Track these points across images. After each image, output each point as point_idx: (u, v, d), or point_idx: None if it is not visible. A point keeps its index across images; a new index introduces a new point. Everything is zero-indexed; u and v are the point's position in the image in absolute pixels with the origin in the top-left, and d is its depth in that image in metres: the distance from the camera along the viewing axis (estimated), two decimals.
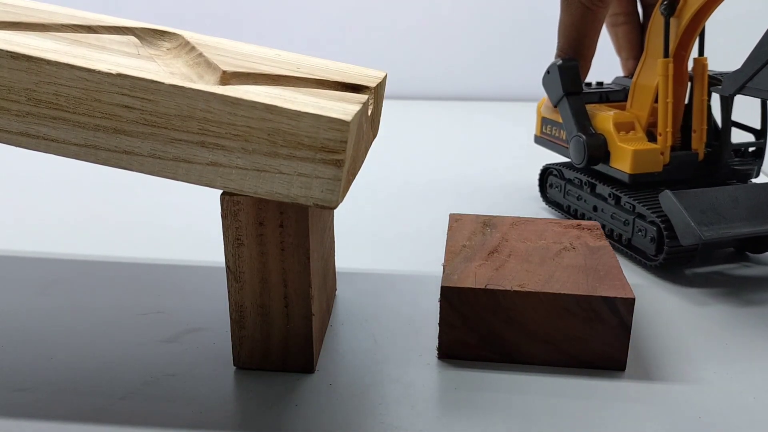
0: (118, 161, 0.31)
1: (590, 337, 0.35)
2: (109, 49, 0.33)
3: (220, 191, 0.32)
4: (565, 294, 0.35)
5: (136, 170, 0.31)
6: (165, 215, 0.60)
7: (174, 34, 0.38)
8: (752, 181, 0.52)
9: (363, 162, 0.37)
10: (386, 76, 0.41)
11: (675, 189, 0.45)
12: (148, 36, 0.37)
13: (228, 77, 0.33)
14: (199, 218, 0.59)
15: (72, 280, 0.46)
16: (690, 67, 0.51)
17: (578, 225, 0.45)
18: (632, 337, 0.38)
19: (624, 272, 0.38)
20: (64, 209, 0.61)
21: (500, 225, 0.44)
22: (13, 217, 0.59)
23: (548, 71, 0.55)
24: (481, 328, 0.36)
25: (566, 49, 0.54)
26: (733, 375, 0.36)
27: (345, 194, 0.32)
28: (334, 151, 0.29)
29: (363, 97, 0.34)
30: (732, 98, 0.49)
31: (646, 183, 0.50)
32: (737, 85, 0.44)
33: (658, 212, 0.46)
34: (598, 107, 0.54)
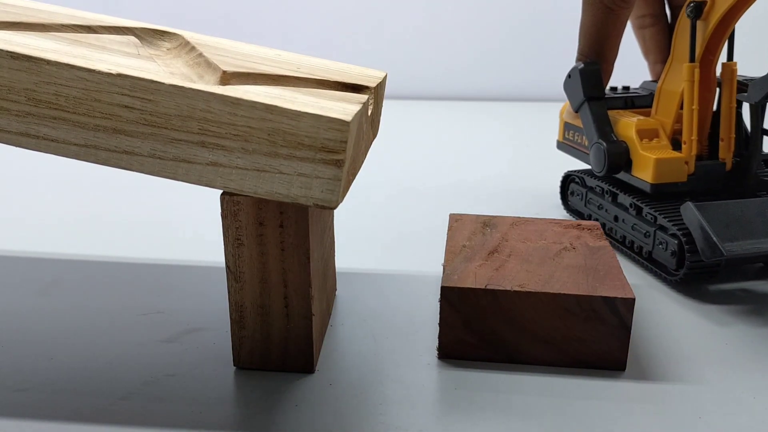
0: (118, 161, 0.31)
1: (590, 337, 0.35)
2: (109, 49, 0.33)
3: (220, 191, 0.32)
4: (565, 294, 0.35)
5: (136, 170, 0.31)
6: (165, 215, 0.60)
7: (174, 34, 0.38)
8: None
9: (363, 162, 0.37)
10: (386, 76, 0.41)
11: (699, 200, 0.43)
12: (148, 36, 0.37)
13: (228, 77, 0.33)
14: (199, 218, 0.59)
15: (72, 280, 0.46)
16: (718, 72, 0.48)
17: (578, 225, 0.45)
18: (632, 337, 0.38)
19: (624, 272, 0.38)
20: (64, 209, 0.61)
21: (500, 225, 0.44)
22: (13, 217, 0.59)
23: (569, 75, 0.52)
24: (481, 328, 0.36)
25: (587, 52, 0.51)
26: (733, 375, 0.36)
27: (345, 194, 0.32)
28: (334, 151, 0.29)
29: (363, 97, 0.34)
30: (762, 106, 0.46)
31: (670, 193, 0.47)
32: (764, 91, 0.42)
33: (680, 225, 0.44)
34: (622, 113, 0.52)
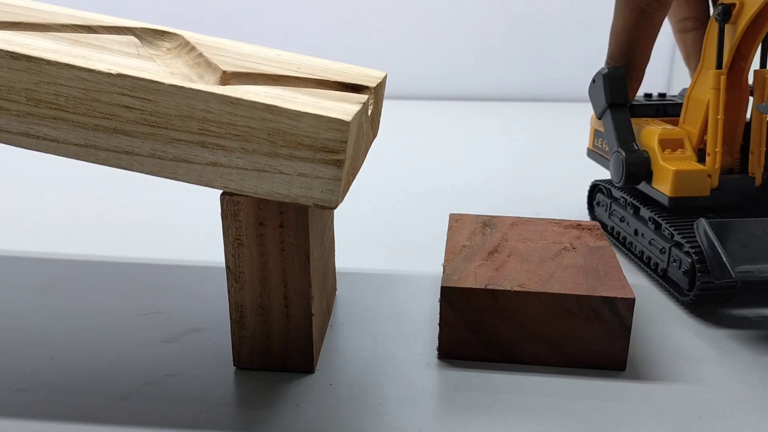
0: (118, 161, 0.31)
1: (590, 337, 0.35)
2: (109, 49, 0.33)
3: (220, 191, 0.32)
4: (565, 294, 0.35)
5: (136, 170, 0.31)
6: (165, 215, 0.60)
7: (174, 34, 0.38)
8: None
9: (363, 162, 0.37)
10: (386, 76, 0.41)
11: (722, 217, 0.41)
12: (148, 36, 0.37)
13: (228, 77, 0.33)
14: (199, 218, 0.59)
15: (72, 280, 0.46)
16: (751, 80, 0.45)
17: (578, 225, 0.45)
18: (632, 337, 0.38)
19: (624, 272, 0.38)
20: (64, 209, 0.61)
21: (500, 225, 0.44)
22: (13, 217, 0.59)
23: (593, 80, 0.50)
24: (481, 328, 0.36)
25: (617, 56, 0.49)
26: (733, 375, 0.36)
27: (345, 194, 0.32)
28: (334, 151, 0.29)
29: (363, 97, 0.34)
30: None
31: (692, 209, 0.44)
32: None
33: (695, 242, 0.41)
34: (650, 121, 0.49)
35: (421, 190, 0.68)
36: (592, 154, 0.56)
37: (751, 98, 0.45)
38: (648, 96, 0.53)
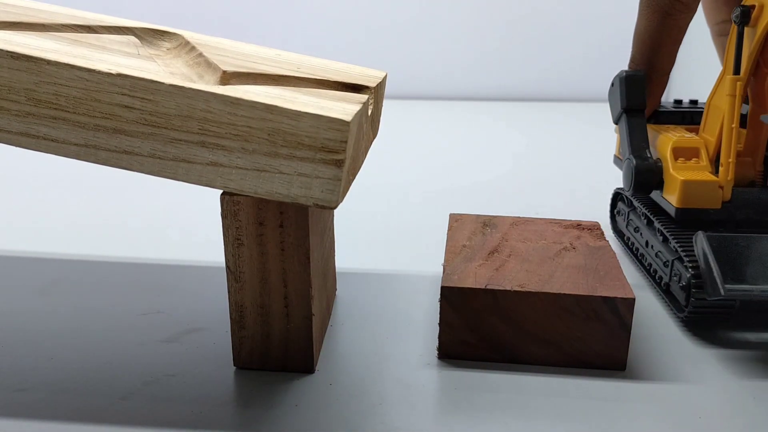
0: (118, 161, 0.31)
1: (590, 337, 0.35)
2: (109, 49, 0.33)
3: (220, 191, 0.32)
4: (565, 294, 0.35)
5: (136, 170, 0.31)
6: (165, 215, 0.60)
7: (174, 34, 0.38)
8: None
9: (363, 162, 0.37)
10: (386, 76, 0.41)
11: (727, 232, 0.40)
12: (148, 36, 0.37)
13: (228, 77, 0.33)
14: (199, 218, 0.59)
15: (72, 280, 0.46)
16: None
17: (578, 225, 0.45)
18: (632, 337, 0.38)
19: (624, 272, 0.38)
20: (64, 209, 0.61)
21: (500, 225, 0.44)
22: (13, 217, 0.59)
23: (612, 83, 0.48)
24: (481, 328, 0.36)
25: (638, 59, 0.47)
26: (733, 375, 0.36)
27: (345, 194, 0.32)
28: (334, 151, 0.29)
29: (363, 97, 0.34)
30: None
31: (704, 222, 0.42)
32: None
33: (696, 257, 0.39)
34: (671, 129, 0.47)
35: (421, 189, 0.68)
36: (617, 161, 0.53)
37: None
38: (678, 102, 0.51)
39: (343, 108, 0.31)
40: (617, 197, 0.55)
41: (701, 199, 0.41)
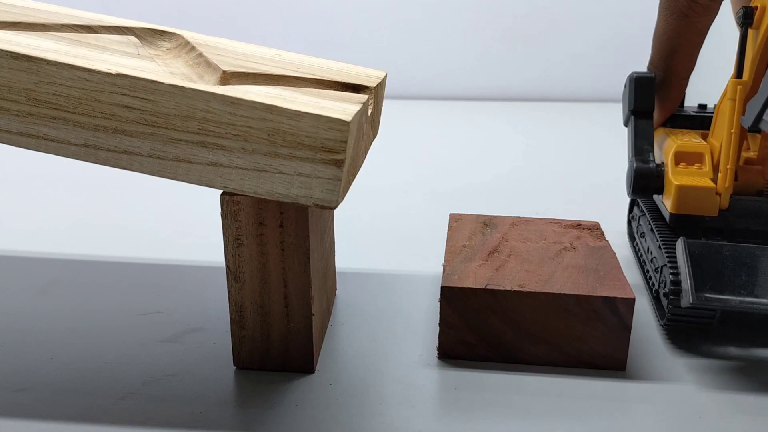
0: (118, 161, 0.31)
1: (590, 337, 0.35)
2: (109, 49, 0.33)
3: (220, 191, 0.32)
4: (565, 294, 0.35)
5: (136, 170, 0.31)
6: (165, 215, 0.60)
7: (174, 34, 0.38)
8: None
9: (363, 162, 0.37)
10: (386, 76, 0.41)
11: (719, 240, 0.38)
12: (148, 36, 0.37)
13: (228, 77, 0.33)
14: (199, 218, 0.59)
15: (72, 280, 0.46)
16: None
17: (578, 225, 0.45)
18: (632, 337, 0.38)
19: (624, 272, 0.38)
20: (64, 209, 0.61)
21: (500, 225, 0.44)
22: (13, 217, 0.59)
23: (624, 84, 0.47)
24: (481, 328, 0.36)
25: (656, 62, 0.45)
26: (733, 375, 0.36)
27: (345, 194, 0.32)
28: (334, 151, 0.29)
29: (363, 97, 0.34)
30: None
31: (700, 229, 0.40)
32: (753, 115, 0.36)
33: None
34: (683, 133, 0.45)
35: (421, 189, 0.68)
36: None
37: None
38: (702, 107, 0.49)
39: (343, 108, 0.31)
40: (634, 202, 0.54)
41: (697, 205, 0.40)
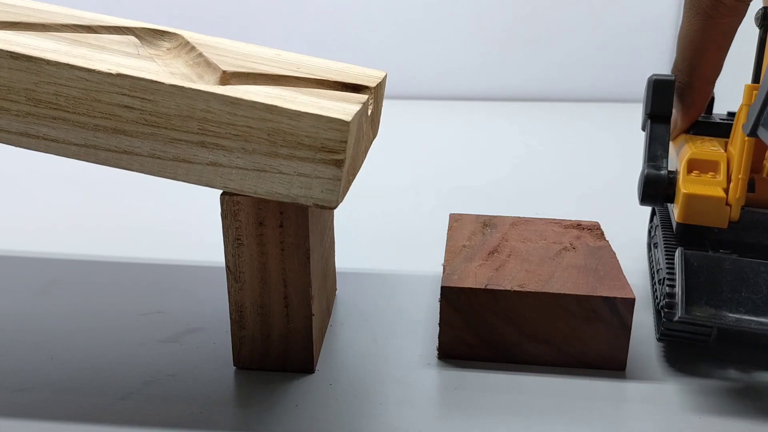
0: (118, 161, 0.31)
1: (590, 337, 0.35)
2: (109, 49, 0.33)
3: (220, 191, 0.32)
4: (565, 294, 0.35)
5: (136, 170, 0.31)
6: (165, 215, 0.60)
7: (174, 34, 0.38)
8: None
9: (363, 162, 0.37)
10: (386, 76, 0.41)
11: (726, 253, 0.36)
12: (148, 36, 0.37)
13: (228, 77, 0.33)
14: (199, 218, 0.59)
15: (72, 280, 0.46)
16: None
17: (578, 225, 0.45)
18: (632, 337, 0.38)
19: (624, 272, 0.38)
20: (64, 209, 0.61)
21: (500, 225, 0.44)
22: (12, 217, 0.59)
23: (645, 87, 0.45)
24: (481, 328, 0.36)
25: (680, 65, 0.43)
26: (733, 375, 0.36)
27: (345, 194, 0.32)
28: (334, 151, 0.29)
29: (363, 97, 0.34)
30: None
31: (709, 241, 0.38)
32: (751, 121, 0.34)
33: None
34: (704, 140, 0.43)
35: (421, 190, 0.68)
36: None
37: None
38: (731, 115, 0.47)
39: (343, 108, 0.31)
40: (653, 211, 0.51)
41: (705, 215, 0.37)
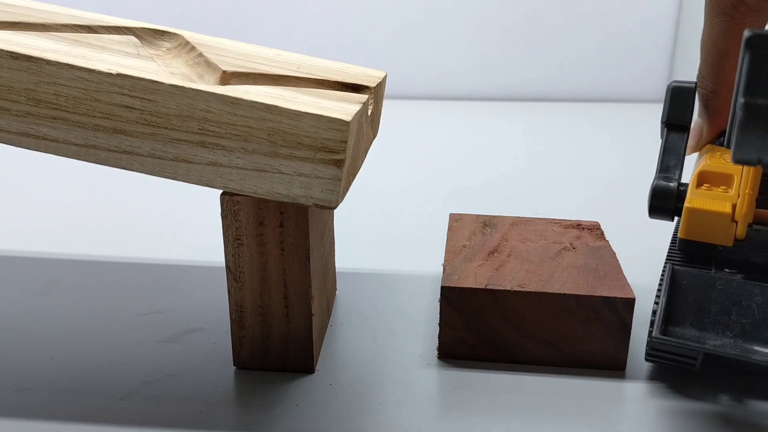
0: (118, 161, 0.31)
1: (590, 337, 0.35)
2: (109, 49, 0.33)
3: (220, 191, 0.32)
4: (565, 294, 0.35)
5: (136, 170, 0.31)
6: (165, 215, 0.60)
7: (174, 34, 0.38)
8: None
9: (363, 162, 0.37)
10: (386, 76, 0.41)
11: (731, 273, 0.35)
12: (148, 36, 0.37)
13: (228, 77, 0.33)
14: (199, 218, 0.59)
15: (72, 280, 0.46)
16: None
17: (578, 225, 0.45)
18: (632, 337, 0.38)
19: (624, 272, 0.38)
20: (64, 209, 0.61)
21: (500, 225, 0.44)
22: (13, 217, 0.59)
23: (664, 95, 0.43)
24: (481, 328, 0.36)
25: (704, 71, 0.41)
26: (733, 375, 0.36)
27: (345, 194, 0.32)
28: (334, 151, 0.29)
29: (363, 97, 0.34)
30: None
31: (713, 259, 0.37)
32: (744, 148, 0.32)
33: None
34: (723, 151, 0.41)
35: (421, 189, 0.68)
36: None
37: None
38: None
39: (343, 108, 0.31)
40: (678, 225, 0.48)
41: (709, 232, 0.36)
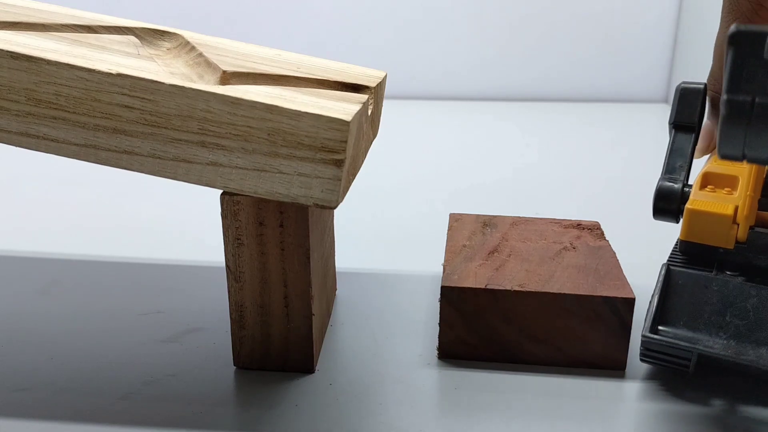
0: (118, 161, 0.31)
1: (590, 337, 0.35)
2: (109, 49, 0.33)
3: (220, 191, 0.32)
4: (565, 294, 0.35)
5: (136, 170, 0.31)
6: (165, 215, 0.60)
7: (174, 34, 0.38)
8: None
9: (363, 162, 0.37)
10: (386, 76, 0.41)
11: (729, 274, 0.35)
12: (148, 36, 0.37)
13: (228, 77, 0.33)
14: (199, 218, 0.59)
15: (72, 280, 0.46)
16: None
17: (578, 225, 0.45)
18: (632, 337, 0.38)
19: (624, 272, 0.38)
20: (64, 209, 0.61)
21: (500, 225, 0.44)
22: (13, 217, 0.59)
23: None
24: (481, 328, 0.36)
25: (717, 73, 0.40)
26: (734, 374, 0.36)
27: (345, 194, 0.32)
28: (334, 151, 0.29)
29: (363, 97, 0.34)
30: None
31: (714, 262, 0.36)
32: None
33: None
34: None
35: (421, 189, 0.68)
36: None
37: None
38: None
39: (343, 108, 0.31)
40: None
41: (710, 234, 0.35)
